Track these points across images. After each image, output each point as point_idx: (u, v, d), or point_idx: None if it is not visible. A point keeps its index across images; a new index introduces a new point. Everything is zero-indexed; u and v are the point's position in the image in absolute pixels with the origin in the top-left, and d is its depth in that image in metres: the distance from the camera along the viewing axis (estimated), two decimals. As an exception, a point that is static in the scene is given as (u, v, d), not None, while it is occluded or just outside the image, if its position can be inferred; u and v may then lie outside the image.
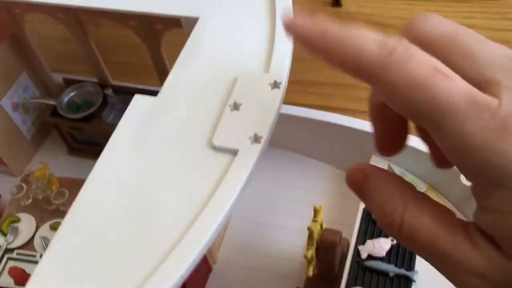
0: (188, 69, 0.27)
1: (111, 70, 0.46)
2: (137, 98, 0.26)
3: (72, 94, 0.44)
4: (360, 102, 0.48)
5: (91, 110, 0.43)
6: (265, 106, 0.24)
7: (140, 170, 0.23)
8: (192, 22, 0.30)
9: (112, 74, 0.46)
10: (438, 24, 0.19)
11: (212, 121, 0.24)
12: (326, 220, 0.35)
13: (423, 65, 0.16)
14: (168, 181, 0.23)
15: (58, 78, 0.47)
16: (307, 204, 0.39)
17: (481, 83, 0.17)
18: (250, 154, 0.22)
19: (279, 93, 0.25)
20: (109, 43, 0.55)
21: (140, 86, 0.45)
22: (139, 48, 0.41)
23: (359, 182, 0.19)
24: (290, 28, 0.18)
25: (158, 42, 0.40)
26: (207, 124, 0.24)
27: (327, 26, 0.18)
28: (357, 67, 0.17)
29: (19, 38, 0.43)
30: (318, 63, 0.52)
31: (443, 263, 0.17)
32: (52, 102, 0.43)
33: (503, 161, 0.15)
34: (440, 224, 0.17)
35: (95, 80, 0.45)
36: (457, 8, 0.53)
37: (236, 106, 0.24)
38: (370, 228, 0.36)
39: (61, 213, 0.41)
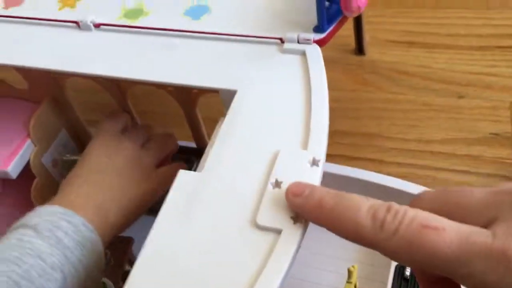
0: (229, 143, 0.29)
1: (141, 119, 0.48)
2: (182, 174, 0.28)
3: None
4: (386, 152, 0.49)
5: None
6: (305, 185, 0.25)
7: (187, 249, 0.25)
8: (229, 93, 0.32)
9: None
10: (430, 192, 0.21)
11: (255, 198, 0.26)
12: (358, 274, 0.36)
13: (411, 225, 0.19)
14: (215, 261, 0.24)
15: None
16: (340, 260, 0.40)
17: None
18: (293, 234, 0.24)
19: (318, 171, 0.26)
20: (137, 92, 0.57)
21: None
22: (166, 97, 0.43)
23: None
24: (291, 204, 0.24)
25: (193, 103, 0.42)
26: (250, 201, 0.26)
27: (322, 199, 0.22)
28: (360, 242, 0.20)
29: (60, 98, 0.45)
30: (343, 113, 0.54)
31: None
32: None
33: None
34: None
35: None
36: (479, 57, 0.55)
37: (277, 184, 0.26)
38: (403, 285, 0.37)
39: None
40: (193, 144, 0.48)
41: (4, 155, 0.42)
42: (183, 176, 0.28)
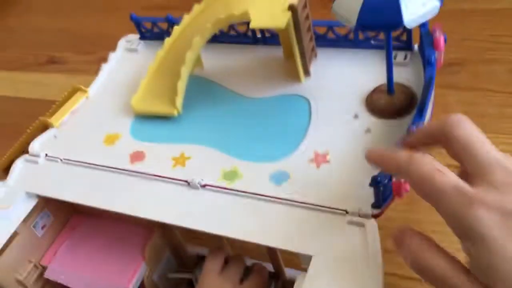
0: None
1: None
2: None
3: None
4: (404, 268, 0.57)
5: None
6: None
7: None
8: (306, 256, 0.42)
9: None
10: (459, 128, 0.33)
11: None
12: None
13: (429, 166, 0.32)
14: None
15: (192, 250, 0.61)
16: None
17: (473, 174, 0.31)
18: None
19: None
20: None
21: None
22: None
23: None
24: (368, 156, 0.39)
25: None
26: None
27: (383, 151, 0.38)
28: (397, 168, 0.35)
29: (167, 225, 0.57)
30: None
31: None
32: (189, 277, 0.57)
33: (472, 224, 0.29)
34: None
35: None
36: None
37: None
38: None
39: None
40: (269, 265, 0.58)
41: (126, 275, 0.54)
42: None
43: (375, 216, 0.43)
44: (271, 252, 0.55)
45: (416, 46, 0.56)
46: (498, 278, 0.28)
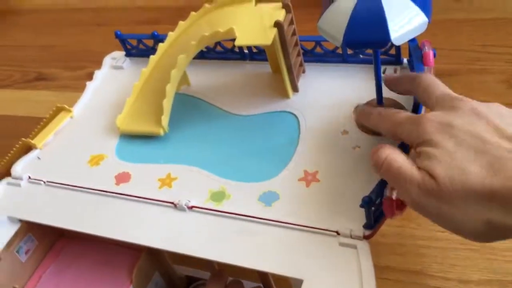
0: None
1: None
2: None
3: None
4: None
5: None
6: None
7: None
8: (297, 280, 0.41)
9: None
10: (425, 75, 0.44)
11: None
12: None
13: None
14: None
15: (181, 271, 0.59)
16: None
17: (430, 108, 0.41)
18: None
19: None
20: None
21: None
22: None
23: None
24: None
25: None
26: None
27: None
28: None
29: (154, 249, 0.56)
30: (391, 248, 0.62)
31: (400, 181, 0.37)
32: None
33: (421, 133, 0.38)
34: (405, 160, 0.38)
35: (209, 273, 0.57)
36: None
37: None
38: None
39: None
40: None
41: (113, 301, 0.52)
42: None
43: (367, 237, 0.42)
44: (262, 275, 0.54)
45: (405, 60, 0.55)
46: (436, 161, 0.36)
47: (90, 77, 0.68)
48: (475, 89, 0.77)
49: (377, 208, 0.42)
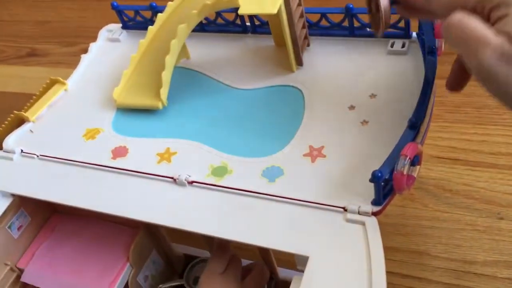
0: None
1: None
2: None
3: (195, 273, 0.53)
4: (433, 272, 0.55)
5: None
6: None
7: None
8: (303, 256, 0.39)
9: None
10: None
11: None
12: None
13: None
14: None
15: (179, 250, 0.57)
16: None
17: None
18: None
19: None
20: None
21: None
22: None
23: None
24: None
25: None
26: None
27: None
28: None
29: (152, 226, 0.54)
30: (394, 228, 0.60)
31: (472, 42, 0.31)
32: (180, 283, 0.53)
33: None
34: (480, 23, 0.31)
35: (208, 253, 0.56)
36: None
37: None
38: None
39: None
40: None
41: (109, 278, 0.51)
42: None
43: (375, 214, 0.40)
44: (263, 252, 0.52)
45: (414, 34, 0.53)
46: None
47: (84, 53, 0.65)
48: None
49: (386, 183, 0.40)
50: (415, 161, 0.39)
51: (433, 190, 0.62)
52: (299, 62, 0.55)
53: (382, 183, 0.39)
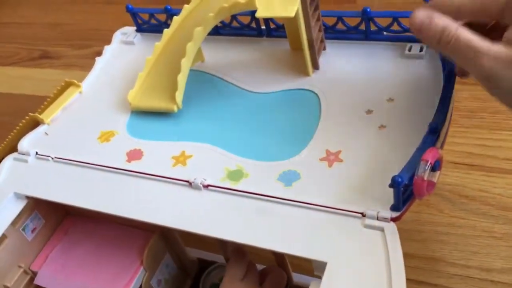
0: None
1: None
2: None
3: (211, 279, 0.53)
4: (449, 279, 0.54)
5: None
6: None
7: None
8: (321, 262, 0.39)
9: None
10: None
11: None
12: None
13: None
14: None
15: (192, 254, 0.57)
16: None
17: None
18: None
19: None
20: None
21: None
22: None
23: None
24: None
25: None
26: None
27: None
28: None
29: (167, 230, 0.54)
30: (408, 235, 0.59)
31: (471, 54, 0.34)
32: None
33: None
34: (474, 35, 0.35)
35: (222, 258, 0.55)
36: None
37: None
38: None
39: None
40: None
41: (123, 282, 0.50)
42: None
43: (394, 220, 0.40)
44: (278, 257, 0.52)
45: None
46: None
47: (97, 56, 0.65)
48: None
49: (405, 189, 0.39)
50: (436, 166, 0.39)
51: (448, 196, 0.61)
52: (316, 66, 0.54)
53: (402, 189, 0.39)
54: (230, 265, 0.49)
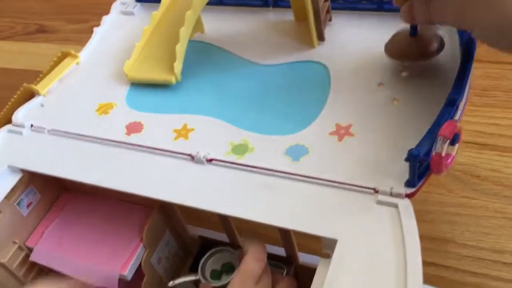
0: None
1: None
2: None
3: (211, 265, 0.50)
4: (461, 260, 0.53)
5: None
6: None
7: None
8: (330, 240, 0.37)
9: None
10: None
11: None
12: None
13: None
14: None
15: (193, 232, 0.55)
16: None
17: None
18: None
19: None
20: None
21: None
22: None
23: None
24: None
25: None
26: None
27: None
28: None
29: (167, 204, 0.51)
30: (417, 215, 0.57)
31: None
32: (195, 278, 0.50)
33: None
34: None
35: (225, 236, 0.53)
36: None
37: None
38: None
39: None
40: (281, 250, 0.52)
41: (122, 260, 0.48)
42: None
43: (408, 196, 0.37)
44: (284, 235, 0.49)
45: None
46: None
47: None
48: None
49: (421, 163, 0.37)
50: (455, 139, 0.36)
51: (459, 176, 0.59)
52: (321, 37, 0.52)
53: (418, 163, 0.37)
54: (245, 261, 0.43)
